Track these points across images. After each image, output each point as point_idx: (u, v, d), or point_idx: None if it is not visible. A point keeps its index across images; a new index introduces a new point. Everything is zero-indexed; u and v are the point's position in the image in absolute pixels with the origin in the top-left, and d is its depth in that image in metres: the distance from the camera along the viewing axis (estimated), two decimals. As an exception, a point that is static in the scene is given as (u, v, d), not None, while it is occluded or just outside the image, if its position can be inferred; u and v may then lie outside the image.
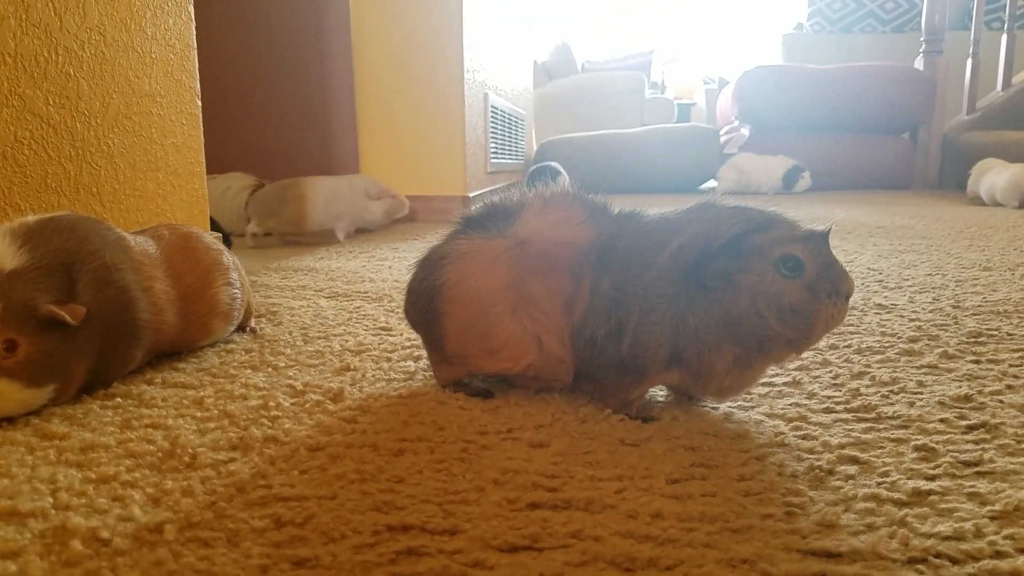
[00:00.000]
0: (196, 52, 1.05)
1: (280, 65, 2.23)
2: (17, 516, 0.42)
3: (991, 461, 0.48)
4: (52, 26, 0.79)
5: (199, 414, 0.58)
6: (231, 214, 1.92)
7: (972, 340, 0.78)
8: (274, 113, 2.26)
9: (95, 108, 0.85)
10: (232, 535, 0.40)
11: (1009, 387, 0.62)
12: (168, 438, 0.53)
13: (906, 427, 0.54)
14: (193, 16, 1.04)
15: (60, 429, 0.55)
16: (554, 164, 2.77)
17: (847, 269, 0.53)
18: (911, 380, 0.64)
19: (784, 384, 0.64)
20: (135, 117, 0.92)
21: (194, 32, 1.05)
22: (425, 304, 0.61)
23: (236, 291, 0.79)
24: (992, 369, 0.68)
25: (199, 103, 1.07)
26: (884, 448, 0.50)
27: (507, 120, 2.98)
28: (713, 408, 0.58)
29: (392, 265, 1.38)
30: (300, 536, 0.39)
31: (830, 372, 0.67)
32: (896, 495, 0.43)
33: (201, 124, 1.07)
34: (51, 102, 0.79)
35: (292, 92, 2.24)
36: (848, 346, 0.76)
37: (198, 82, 1.06)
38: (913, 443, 0.51)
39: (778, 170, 3.39)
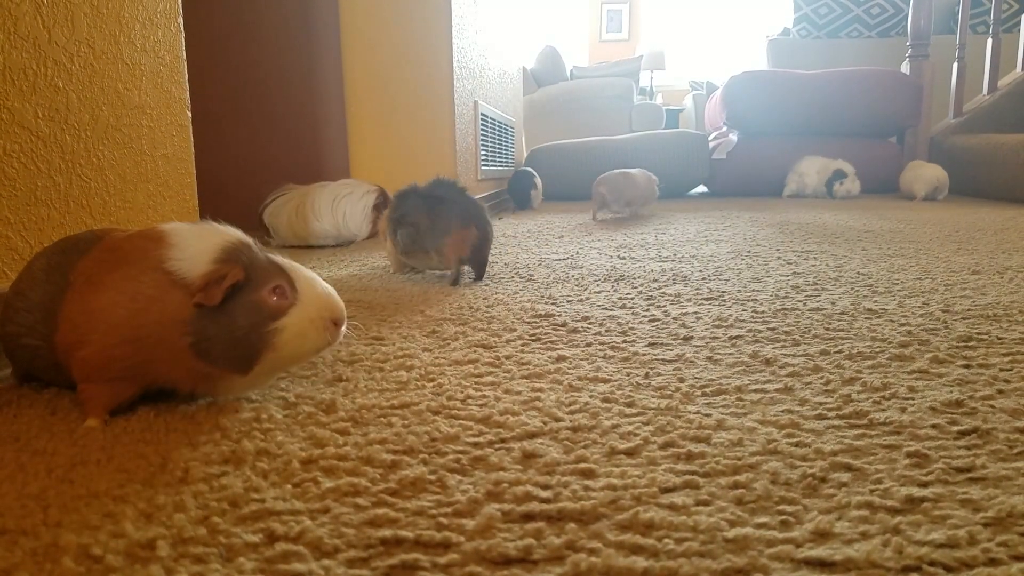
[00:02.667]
0: (186, 63, 1.05)
1: (270, 75, 2.23)
2: (8, 533, 0.42)
3: (983, 467, 0.48)
4: (41, 39, 0.78)
5: (190, 427, 0.58)
6: (355, 217, 1.99)
7: (962, 344, 0.78)
8: (264, 123, 2.26)
9: (84, 120, 0.85)
10: (225, 550, 0.39)
11: (1000, 392, 0.63)
12: (160, 452, 0.53)
13: (898, 433, 0.54)
14: (182, 28, 1.04)
15: (50, 444, 0.55)
16: (529, 169, 3.08)
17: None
18: (902, 385, 0.65)
19: (776, 391, 0.64)
20: (125, 129, 0.92)
21: (183, 43, 1.05)
22: None
23: None
24: (983, 374, 0.68)
25: (189, 114, 1.06)
26: (877, 455, 0.50)
27: (497, 128, 2.99)
28: (706, 415, 0.58)
29: (382, 274, 1.38)
30: (293, 551, 0.39)
31: (821, 378, 0.68)
32: (889, 502, 0.43)
33: (191, 135, 1.07)
34: (40, 115, 0.78)
35: (282, 102, 2.24)
36: (839, 351, 0.76)
37: (188, 93, 1.06)
38: (905, 449, 0.51)
39: (822, 174, 3.27)
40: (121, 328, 0.59)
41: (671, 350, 0.79)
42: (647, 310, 0.99)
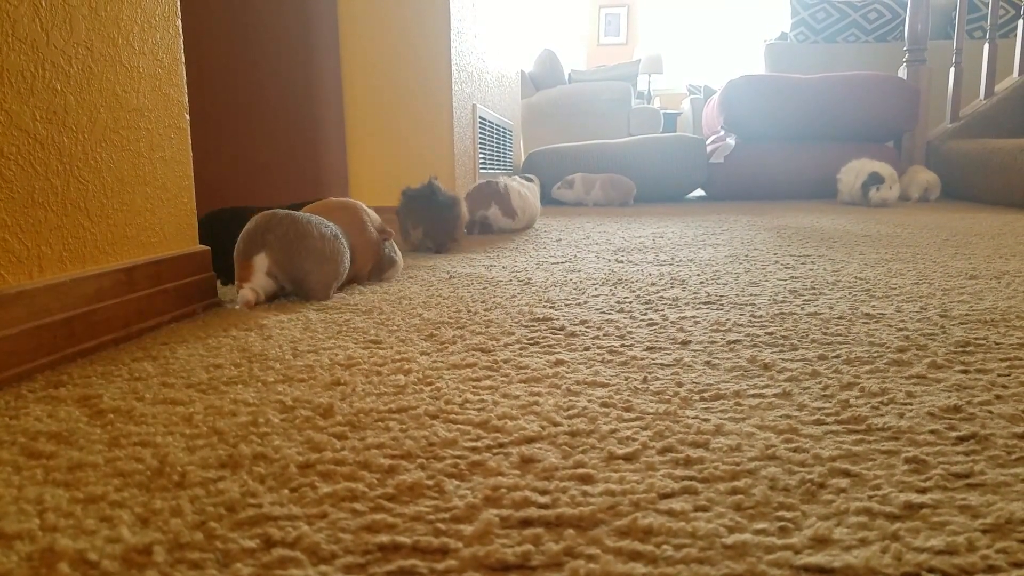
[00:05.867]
0: (184, 66, 1.05)
1: (268, 78, 2.22)
2: (3, 538, 0.41)
3: (982, 473, 0.48)
4: (39, 41, 0.78)
5: (188, 431, 0.58)
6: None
7: (960, 350, 0.78)
8: (262, 127, 2.26)
9: (82, 123, 0.85)
10: (222, 556, 0.39)
11: (998, 397, 0.63)
12: (157, 456, 0.53)
13: (896, 439, 0.54)
14: (181, 30, 1.04)
15: (48, 448, 0.54)
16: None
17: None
18: (900, 391, 0.65)
19: (774, 396, 0.64)
20: (123, 131, 0.92)
21: (182, 46, 1.04)
22: None
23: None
24: (981, 379, 0.68)
25: (187, 117, 1.06)
26: (875, 460, 0.50)
27: (495, 131, 2.99)
28: (704, 420, 0.58)
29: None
30: (290, 556, 0.39)
31: (819, 383, 0.68)
32: (888, 508, 0.43)
33: (189, 138, 1.07)
34: (38, 117, 0.78)
35: (280, 105, 2.24)
36: (837, 356, 0.76)
37: (186, 96, 1.06)
38: (904, 455, 0.51)
39: (860, 178, 3.09)
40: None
41: (669, 354, 0.79)
42: (645, 314, 0.99)
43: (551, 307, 1.05)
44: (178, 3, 1.04)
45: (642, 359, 0.77)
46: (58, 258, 0.82)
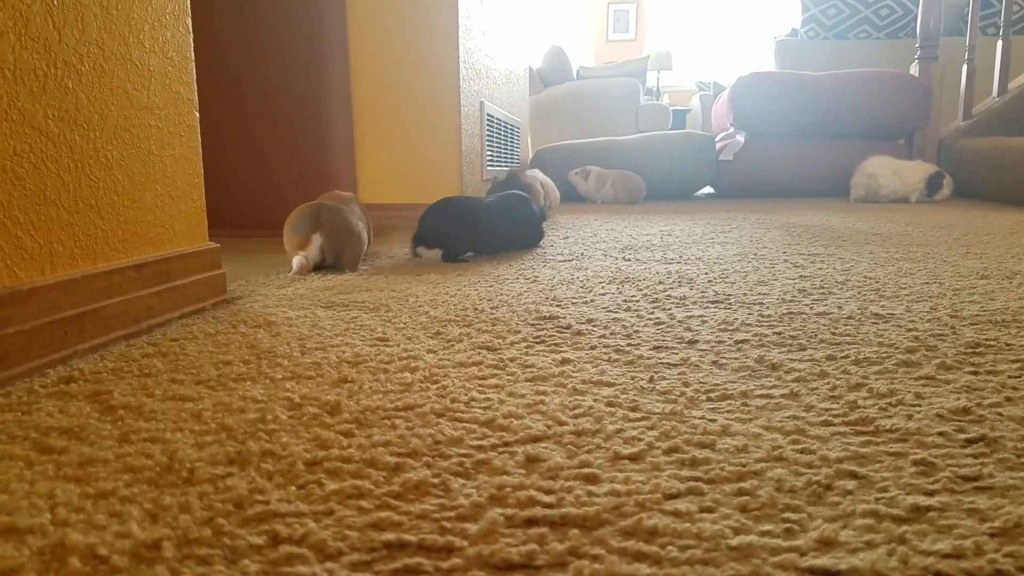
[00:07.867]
0: (194, 64, 1.05)
1: (277, 76, 2.23)
2: (15, 532, 0.42)
3: (990, 476, 0.48)
4: (51, 40, 0.79)
5: (197, 427, 0.58)
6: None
7: (970, 351, 0.78)
8: (271, 123, 2.26)
9: (94, 121, 0.85)
10: (230, 552, 0.40)
11: (1008, 399, 0.62)
12: (166, 452, 0.53)
13: (904, 440, 0.54)
14: (191, 29, 1.04)
15: (59, 443, 0.55)
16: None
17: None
18: (909, 392, 0.65)
19: (781, 396, 0.64)
20: (133, 129, 0.92)
21: (192, 45, 1.05)
22: None
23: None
24: (991, 381, 0.68)
25: (197, 115, 1.07)
26: (883, 462, 0.50)
27: (503, 128, 2.99)
28: (711, 420, 0.58)
29: (388, 275, 1.38)
30: (297, 553, 0.39)
31: (827, 384, 0.67)
32: (895, 511, 0.43)
33: (199, 135, 1.08)
34: (50, 115, 0.79)
35: (289, 102, 2.24)
36: (845, 357, 0.76)
37: (196, 94, 1.07)
38: (912, 457, 0.51)
39: (918, 175, 3.24)
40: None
41: (676, 354, 0.79)
42: (652, 313, 0.99)
43: (558, 305, 1.05)
44: (188, 2, 1.04)
45: (649, 358, 0.77)
46: (69, 255, 0.82)
